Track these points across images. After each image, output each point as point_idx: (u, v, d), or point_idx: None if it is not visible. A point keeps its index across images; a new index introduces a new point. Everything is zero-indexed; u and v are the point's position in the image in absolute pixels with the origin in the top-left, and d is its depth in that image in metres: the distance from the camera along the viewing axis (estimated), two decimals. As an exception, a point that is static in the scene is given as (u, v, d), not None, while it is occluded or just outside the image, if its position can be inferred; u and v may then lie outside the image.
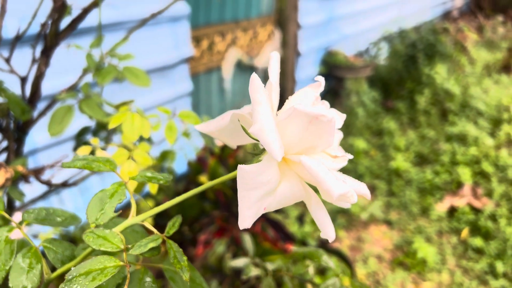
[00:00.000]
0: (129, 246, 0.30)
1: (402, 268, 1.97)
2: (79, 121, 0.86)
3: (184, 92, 2.23)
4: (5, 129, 0.71)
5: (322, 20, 3.16)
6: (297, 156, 0.26)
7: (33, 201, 0.92)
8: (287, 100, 0.31)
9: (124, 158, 0.47)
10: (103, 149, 0.60)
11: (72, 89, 0.79)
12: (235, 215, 1.21)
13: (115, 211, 0.32)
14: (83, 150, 0.53)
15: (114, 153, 0.47)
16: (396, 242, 2.12)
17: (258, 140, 0.30)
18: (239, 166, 0.26)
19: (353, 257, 2.02)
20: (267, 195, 0.27)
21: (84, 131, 0.88)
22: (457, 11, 5.47)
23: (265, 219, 1.24)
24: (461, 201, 2.31)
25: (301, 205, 2.31)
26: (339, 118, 0.32)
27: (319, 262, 0.51)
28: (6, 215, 0.36)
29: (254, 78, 0.26)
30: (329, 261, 0.51)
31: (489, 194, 2.34)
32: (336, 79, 3.33)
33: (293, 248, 0.58)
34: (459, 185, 2.41)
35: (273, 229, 1.21)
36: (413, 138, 2.86)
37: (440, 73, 3.14)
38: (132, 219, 0.32)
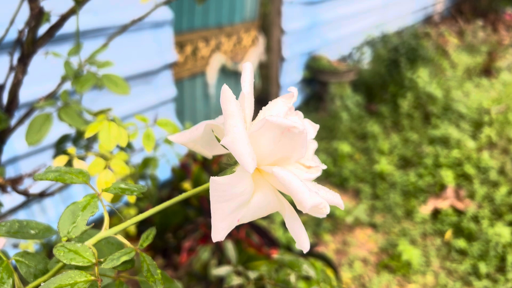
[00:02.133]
0: (102, 260, 0.30)
1: (387, 271, 1.98)
2: (60, 128, 0.85)
3: (167, 98, 2.22)
4: (-19, 139, 0.70)
5: (305, 25, 3.18)
6: (269, 167, 0.26)
7: (13, 210, 0.90)
8: (260, 111, 0.30)
9: (100, 167, 0.46)
10: (82, 158, 0.59)
11: (51, 97, 0.78)
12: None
13: (88, 224, 0.31)
14: (60, 160, 0.52)
15: (90, 162, 0.46)
16: (381, 245, 2.13)
17: (232, 151, 0.30)
18: (211, 178, 0.26)
19: (338, 260, 2.03)
20: (241, 207, 0.27)
21: (64, 139, 0.87)
22: (438, 15, 5.56)
23: (250, 225, 1.23)
24: (444, 203, 2.34)
25: (287, 209, 2.31)
26: (312, 129, 0.32)
27: (299, 272, 0.51)
28: (-23, 229, 0.35)
29: (225, 89, 0.26)
30: (310, 270, 0.51)
31: (472, 196, 2.37)
32: (320, 84, 3.35)
33: (275, 256, 0.58)
34: (442, 187, 2.44)
35: (257, 235, 1.21)
36: (397, 142, 2.89)
37: (422, 77, 3.18)
38: (105, 232, 0.31)
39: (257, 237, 1.19)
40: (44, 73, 1.28)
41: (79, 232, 0.30)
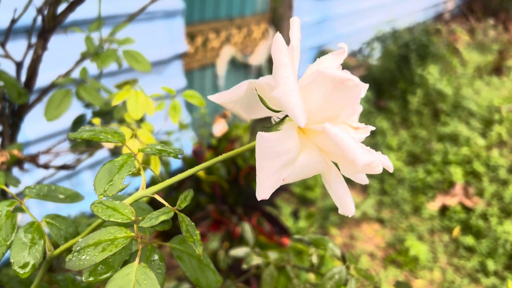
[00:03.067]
0: (140, 218, 0.29)
1: (394, 265, 1.97)
2: (71, 114, 0.84)
3: (177, 88, 2.22)
4: (0, 114, 0.69)
5: (316, 20, 3.16)
6: (319, 124, 0.25)
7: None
8: (307, 69, 0.29)
9: (127, 136, 0.45)
10: None
11: (69, 75, 0.77)
12: (231, 208, 1.20)
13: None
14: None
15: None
16: (388, 240, 2.12)
17: (275, 110, 0.29)
18: (259, 133, 0.25)
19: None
20: (287, 165, 0.26)
21: (80, 118, 0.87)
22: (449, 13, 5.51)
23: (261, 213, 1.22)
24: (452, 200, 2.32)
25: (295, 202, 2.30)
26: (363, 87, 0.31)
27: (325, 250, 0.50)
28: (7, 189, 0.34)
29: (278, 37, 0.25)
30: (335, 249, 0.50)
31: (481, 193, 2.35)
32: (329, 78, 3.33)
33: (296, 236, 0.57)
34: (451, 184, 2.43)
35: (269, 223, 1.20)
36: (406, 138, 2.88)
37: (432, 73, 3.15)
38: (142, 191, 0.31)
39: (268, 225, 1.19)
40: (60, 58, 1.28)
41: (116, 191, 0.29)
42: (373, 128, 0.30)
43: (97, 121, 0.54)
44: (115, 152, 0.88)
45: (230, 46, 2.74)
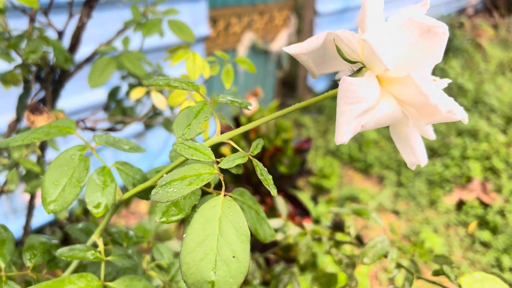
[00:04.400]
0: (218, 160, 0.30)
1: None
2: (90, 97, 0.86)
3: (199, 71, 2.22)
4: (44, 79, 0.71)
5: (339, 8, 3.14)
6: (403, 71, 0.26)
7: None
8: (389, 19, 0.30)
9: (183, 97, 0.47)
10: (160, 91, 0.60)
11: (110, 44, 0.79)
12: (254, 188, 1.21)
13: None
14: (137, 92, 0.53)
15: (171, 93, 0.46)
16: (403, 231, 2.12)
17: (352, 61, 0.30)
18: (343, 77, 0.26)
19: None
20: (366, 112, 0.27)
21: (115, 90, 0.88)
22: (472, 8, 5.42)
23: (284, 194, 1.23)
24: (470, 195, 2.31)
25: (311, 190, 2.31)
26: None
27: (368, 219, 0.51)
28: (78, 135, 0.35)
29: (369, -18, 0.26)
30: (378, 219, 0.51)
31: (499, 190, 2.33)
32: (349, 69, 3.31)
33: (334, 208, 0.58)
34: (469, 179, 2.41)
35: (291, 204, 1.21)
36: (424, 131, 2.86)
37: (454, 67, 3.12)
38: (217, 137, 0.32)
39: (290, 207, 1.20)
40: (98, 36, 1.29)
41: (193, 135, 0.30)
42: (450, 81, 0.31)
43: (141, 90, 0.56)
44: (149, 125, 0.89)
45: (252, 32, 2.74)
